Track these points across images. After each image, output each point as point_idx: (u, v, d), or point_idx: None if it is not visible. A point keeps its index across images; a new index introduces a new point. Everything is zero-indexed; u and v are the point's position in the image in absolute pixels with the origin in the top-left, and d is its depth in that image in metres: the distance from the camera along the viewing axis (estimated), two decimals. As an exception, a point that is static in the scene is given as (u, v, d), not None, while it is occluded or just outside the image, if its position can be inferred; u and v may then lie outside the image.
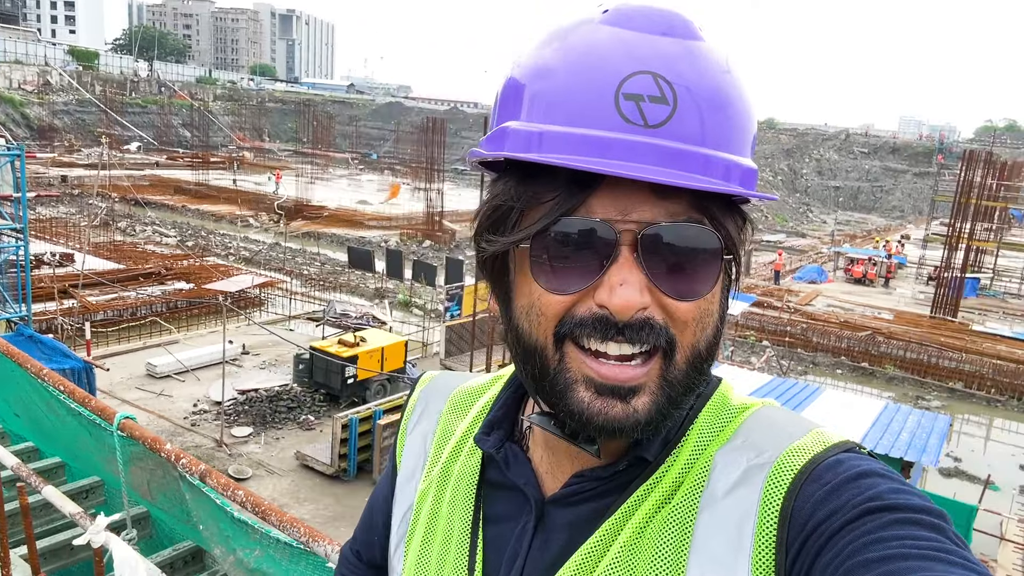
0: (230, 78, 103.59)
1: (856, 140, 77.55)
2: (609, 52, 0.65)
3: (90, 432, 3.32)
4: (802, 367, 22.21)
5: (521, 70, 0.70)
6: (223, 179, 49.57)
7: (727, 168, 0.66)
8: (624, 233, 0.64)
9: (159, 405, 14.68)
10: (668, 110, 0.64)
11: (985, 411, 19.64)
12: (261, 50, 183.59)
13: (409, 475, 0.91)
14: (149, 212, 36.31)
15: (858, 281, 34.07)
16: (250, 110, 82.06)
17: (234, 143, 72.22)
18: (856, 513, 0.61)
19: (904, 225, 58.39)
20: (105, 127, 59.18)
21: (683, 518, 0.69)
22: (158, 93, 74.73)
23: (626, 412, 0.66)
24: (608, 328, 0.65)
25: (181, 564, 3.64)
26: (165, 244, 30.25)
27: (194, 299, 21.17)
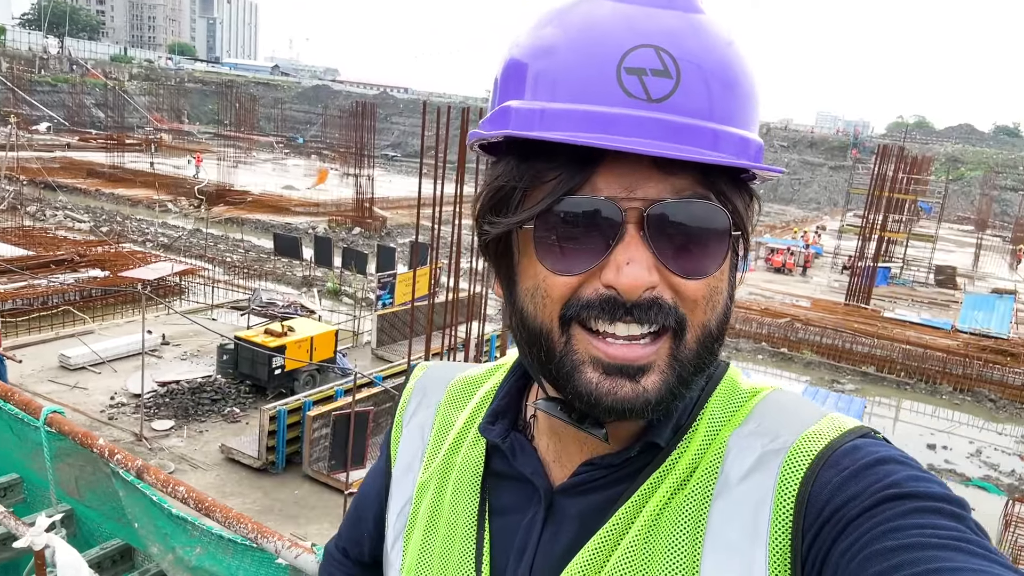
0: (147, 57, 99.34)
1: (776, 134, 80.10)
2: (610, 27, 0.64)
3: (11, 427, 3.15)
4: (725, 353, 22.60)
5: (521, 50, 0.68)
6: (140, 162, 47.52)
7: (734, 142, 0.65)
8: (630, 211, 0.63)
9: (74, 398, 14.04)
10: (671, 83, 0.62)
11: (895, 393, 20.68)
12: (180, 28, 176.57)
13: (406, 468, 0.88)
14: (60, 196, 34.55)
15: (778, 270, 35.27)
16: (168, 90, 78.93)
17: (151, 125, 69.32)
18: (875, 500, 0.60)
19: (820, 216, 60.70)
20: (12, 106, 55.90)
21: (697, 505, 0.68)
22: (69, 71, 71.10)
23: (635, 391, 0.65)
24: (616, 308, 0.63)
25: (109, 564, 3.50)
26: (78, 230, 28.85)
27: (110, 287, 20.28)
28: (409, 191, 42.97)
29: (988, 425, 18.71)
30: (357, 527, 0.95)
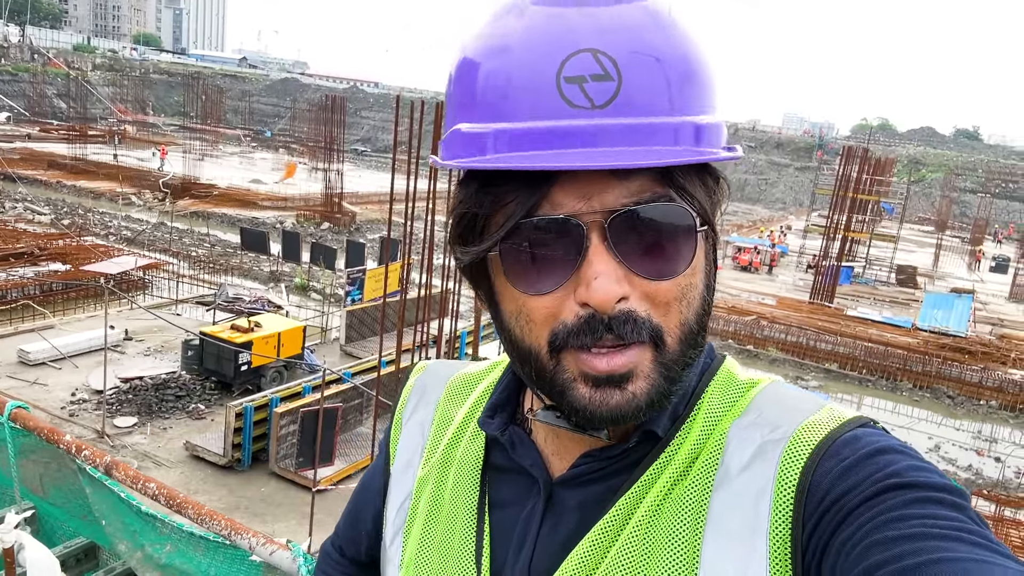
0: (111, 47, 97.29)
1: (743, 134, 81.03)
2: (544, 36, 0.62)
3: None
4: (694, 351, 23.13)
5: (465, 65, 0.67)
6: (103, 154, 46.56)
7: (687, 132, 0.63)
8: (591, 224, 0.63)
9: (33, 394, 13.72)
10: (613, 86, 0.61)
11: (857, 390, 21.07)
12: (145, 18, 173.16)
13: (405, 465, 0.88)
14: (20, 187, 33.71)
15: (744, 268, 35.70)
16: (133, 81, 77.39)
17: (115, 116, 67.89)
18: (875, 490, 0.60)
19: (786, 216, 61.58)
20: (-33, 94, 54.40)
21: (698, 495, 0.68)
22: (30, 60, 69.38)
23: (625, 399, 0.65)
24: (597, 327, 0.63)
25: (73, 562, 3.44)
26: (38, 222, 28.17)
27: (71, 281, 19.85)
28: (379, 186, 42.66)
29: (946, 421, 19.16)
30: (355, 526, 0.95)
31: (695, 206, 0.65)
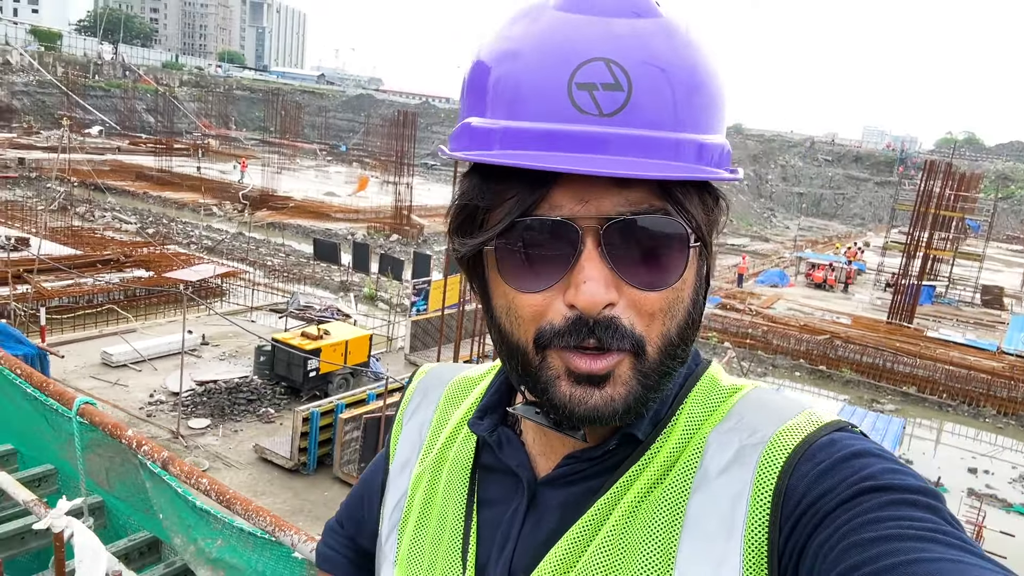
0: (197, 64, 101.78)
1: (821, 148, 78.95)
2: (561, 41, 0.64)
3: (46, 418, 3.24)
4: (762, 369, 22.55)
5: (481, 64, 0.69)
6: (187, 166, 48.64)
7: (691, 149, 0.64)
8: (587, 229, 0.64)
9: (114, 395, 14.38)
10: (623, 96, 0.62)
11: (936, 415, 20.15)
12: (230, 37, 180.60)
13: (403, 464, 0.90)
14: (109, 198, 35.52)
15: (818, 286, 34.69)
16: (217, 97, 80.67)
17: (199, 130, 70.90)
18: (851, 493, 0.61)
19: (864, 232, 59.60)
20: (66, 110, 57.67)
21: (676, 497, 0.69)
22: (122, 77, 73.13)
23: (603, 400, 0.67)
24: (581, 329, 0.65)
25: (137, 555, 3.57)
26: (125, 231, 29.59)
27: (153, 287, 20.76)
28: (446, 199, 43.15)
29: (1034, 451, 18.13)
30: (357, 507, 0.98)
31: (691, 222, 0.67)
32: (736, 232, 54.98)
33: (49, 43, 73.24)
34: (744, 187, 66.79)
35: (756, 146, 77.46)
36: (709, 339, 23.97)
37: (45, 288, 18.90)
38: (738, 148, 75.13)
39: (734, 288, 31.64)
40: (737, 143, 77.83)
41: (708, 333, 24.32)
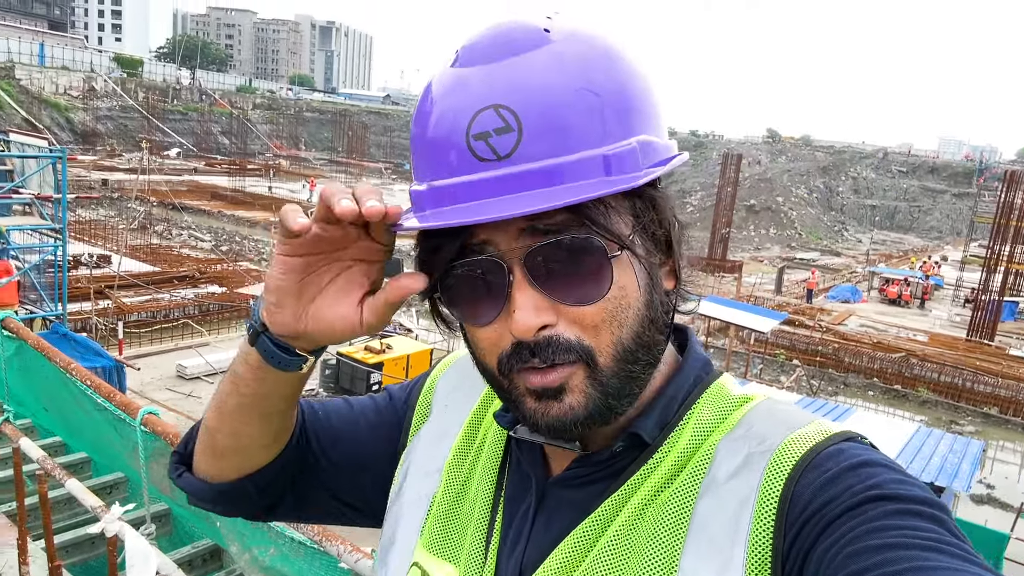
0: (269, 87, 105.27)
1: (894, 159, 76.48)
2: (456, 98, 0.68)
3: (115, 427, 3.39)
4: (833, 387, 21.86)
5: (413, 128, 0.74)
6: (259, 186, 50.32)
7: (592, 165, 0.66)
8: (512, 261, 0.68)
9: (187, 406, 14.88)
10: (514, 137, 0.65)
11: (1020, 437, 19.14)
12: (300, 60, 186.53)
13: (440, 434, 0.91)
14: (186, 217, 36.97)
15: (893, 302, 33.51)
16: (287, 119, 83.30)
17: (271, 151, 73.32)
18: (856, 501, 0.62)
19: (941, 246, 57.35)
20: (147, 133, 60.45)
21: (683, 502, 0.71)
22: (199, 101, 76.22)
23: (562, 410, 0.70)
24: (522, 351, 0.69)
25: (200, 562, 3.69)
26: (200, 248, 30.76)
27: (226, 303, 21.47)
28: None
29: None
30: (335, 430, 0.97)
31: (607, 234, 0.67)
32: (805, 246, 53.63)
33: (131, 70, 76.88)
34: (814, 200, 65.14)
35: (825, 158, 75.51)
36: (777, 356, 23.38)
37: (124, 303, 19.76)
38: (807, 160, 73.44)
39: (803, 304, 30.82)
40: (806, 155, 76.09)
41: (776, 350, 23.72)
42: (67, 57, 68.04)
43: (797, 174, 68.03)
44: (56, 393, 3.89)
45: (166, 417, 10.82)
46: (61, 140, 44.82)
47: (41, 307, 13.07)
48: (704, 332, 23.21)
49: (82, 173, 43.23)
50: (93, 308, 18.14)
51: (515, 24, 0.69)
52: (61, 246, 12.54)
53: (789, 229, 57.51)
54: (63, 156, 12.13)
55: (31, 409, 4.50)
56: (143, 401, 13.77)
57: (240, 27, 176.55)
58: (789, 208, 60.05)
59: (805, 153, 77.69)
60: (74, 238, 23.63)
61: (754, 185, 62.04)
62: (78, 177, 40.15)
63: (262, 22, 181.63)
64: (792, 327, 25.20)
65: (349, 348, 15.87)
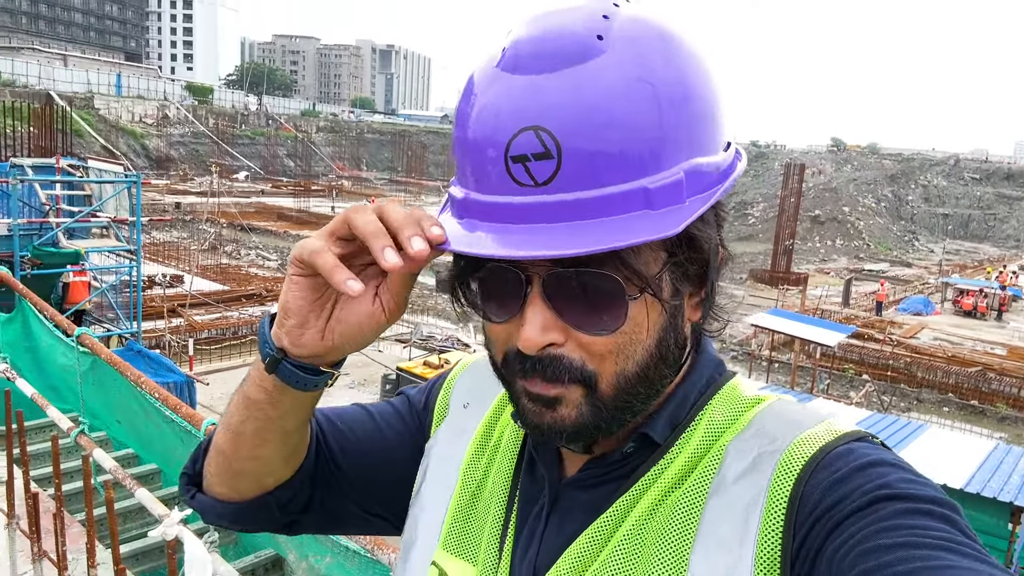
0: (332, 110, 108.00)
1: (967, 165, 73.65)
2: (497, 110, 0.65)
3: (182, 439, 3.52)
4: (905, 403, 21.07)
5: (456, 123, 0.72)
6: (323, 206, 51.55)
7: (633, 198, 0.63)
8: (533, 275, 0.67)
9: (255, 421, 15.26)
10: (553, 165, 0.62)
11: (1114, 457, 18.06)
12: (362, 84, 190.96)
13: (458, 432, 0.91)
14: (253, 237, 38.12)
15: (968, 314, 32.18)
16: (349, 140, 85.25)
17: (334, 172, 75.11)
18: (866, 501, 0.62)
19: (1019, 255, 54.81)
20: (217, 157, 62.65)
21: (692, 503, 0.71)
22: (266, 125, 78.67)
23: (554, 419, 0.71)
24: (526, 363, 0.70)
25: (262, 571, 3.78)
26: (267, 267, 31.64)
27: (291, 320, 21.97)
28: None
29: None
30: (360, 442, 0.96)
31: (631, 277, 0.66)
32: (874, 257, 51.99)
33: (202, 97, 79.95)
34: (882, 209, 63.15)
35: (893, 166, 73.21)
36: (845, 371, 22.66)
37: (196, 321, 20.45)
38: (874, 168, 71.36)
39: (872, 316, 29.84)
40: (872, 163, 73.95)
41: (844, 365, 23.01)
42: (142, 86, 71.25)
43: (864, 183, 66.11)
44: (128, 406, 4.07)
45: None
46: (137, 166, 46.83)
47: (118, 325, 13.65)
48: (768, 346, 22.69)
49: (156, 197, 45.01)
50: (167, 326, 18.84)
51: (568, 26, 0.64)
52: (136, 267, 13.09)
53: (856, 240, 55.85)
54: (137, 181, 12.69)
55: (105, 422, 4.71)
56: (213, 416, 14.21)
57: (304, 53, 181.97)
58: (856, 218, 58.34)
59: (872, 161, 75.50)
60: (148, 259, 24.59)
61: (818, 195, 60.52)
62: (153, 201, 41.83)
63: (325, 48, 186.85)
64: (861, 341, 24.42)
65: (409, 363, 16.07)
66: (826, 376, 21.71)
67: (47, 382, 4.82)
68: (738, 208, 62.70)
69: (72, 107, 35.39)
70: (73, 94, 58.07)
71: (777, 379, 20.61)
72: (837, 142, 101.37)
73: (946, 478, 9.83)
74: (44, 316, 4.43)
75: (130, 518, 4.41)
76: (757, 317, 21.20)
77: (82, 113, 53.20)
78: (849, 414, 13.13)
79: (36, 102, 25.51)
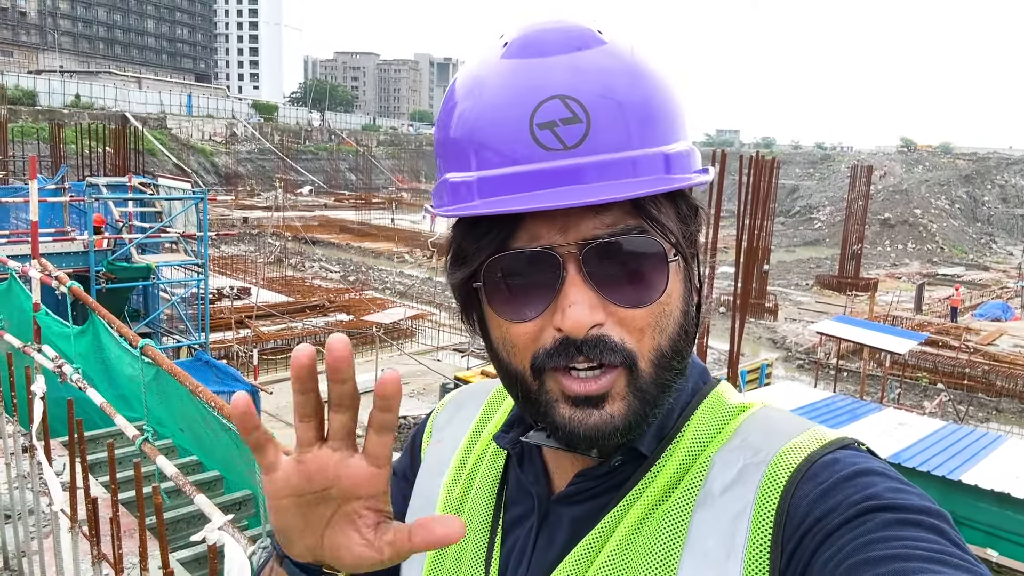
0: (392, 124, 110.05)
1: None
2: (515, 87, 0.67)
3: (238, 446, 3.61)
4: (983, 413, 20.15)
5: (448, 124, 0.72)
6: (383, 218, 52.47)
7: (656, 163, 0.67)
8: (567, 255, 0.66)
9: (318, 430, 15.54)
10: (583, 128, 0.65)
11: None
12: (420, 97, 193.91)
13: (433, 472, 0.91)
14: (317, 250, 39.01)
15: (1051, 318, 30.60)
16: (409, 153, 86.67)
17: (394, 185, 76.41)
18: (855, 512, 0.61)
19: (1110, 257, 51.90)
20: (282, 173, 64.52)
21: (679, 516, 0.70)
22: (328, 140, 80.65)
23: (603, 419, 0.68)
24: (569, 348, 0.67)
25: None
26: (330, 279, 32.33)
27: (353, 330, 22.41)
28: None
29: None
30: None
31: (666, 236, 0.68)
32: (948, 260, 50.03)
33: (267, 115, 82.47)
34: (956, 211, 60.74)
35: (967, 166, 70.34)
36: (919, 380, 21.83)
37: (262, 332, 21.02)
38: (947, 168, 68.75)
39: (947, 323, 28.69)
40: (946, 163, 71.26)
41: (917, 373, 22.16)
42: (211, 106, 73.94)
43: (936, 184, 63.71)
44: (189, 415, 4.20)
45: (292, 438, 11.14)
46: (207, 182, 48.54)
47: (187, 336, 14.13)
48: (835, 354, 22.03)
49: (224, 212, 46.57)
50: (234, 337, 19.41)
51: (568, 23, 0.69)
52: (204, 280, 13.54)
53: (929, 243, 53.82)
54: (204, 197, 13.15)
55: (171, 430, 4.87)
56: (277, 424, 14.54)
57: (364, 69, 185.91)
58: (928, 221, 56.25)
59: (944, 162, 72.72)
60: (216, 272, 25.43)
61: (888, 198, 58.63)
62: (221, 216, 43.29)
63: (384, 63, 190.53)
64: (935, 348, 23.48)
65: (466, 372, 16.17)
66: (897, 385, 20.94)
67: (117, 392, 5.02)
68: (803, 212, 61.20)
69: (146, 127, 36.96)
70: (147, 115, 60.69)
71: (846, 388, 19.96)
72: (907, 142, 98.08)
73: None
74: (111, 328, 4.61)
75: (193, 523, 4.54)
76: (823, 324, 20.61)
77: (155, 133, 55.48)
78: (922, 424, 12.61)
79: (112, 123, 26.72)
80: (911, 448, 10.53)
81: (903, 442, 10.73)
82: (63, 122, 32.38)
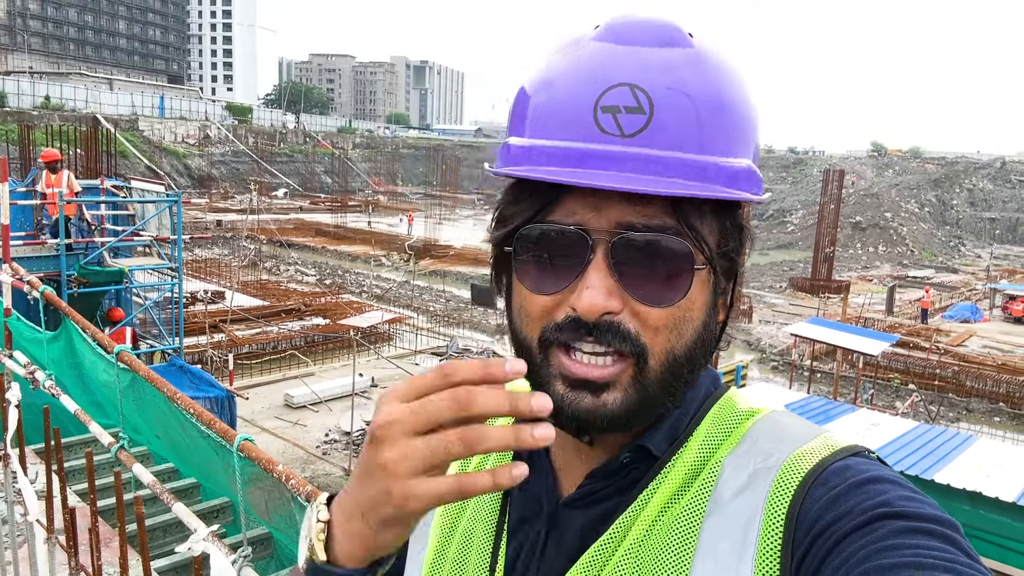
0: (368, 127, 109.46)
1: (1014, 168, 71.67)
2: (593, 67, 0.69)
3: (217, 453, 3.56)
4: (954, 413, 20.51)
5: (524, 90, 0.74)
6: (359, 221, 52.20)
7: (707, 170, 0.67)
8: (597, 239, 0.67)
9: (295, 434, 15.45)
10: (644, 119, 0.66)
11: None
12: (396, 100, 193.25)
13: None
14: (292, 253, 38.70)
15: (1018, 320, 31.24)
16: (385, 156, 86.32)
17: (370, 187, 76.03)
18: (866, 519, 0.60)
19: (1074, 259, 53.08)
20: (256, 175, 63.89)
21: (690, 521, 0.69)
22: (303, 143, 80.00)
23: (595, 405, 0.68)
24: (579, 328, 0.68)
25: (298, 585, 3.80)
26: (305, 282, 32.09)
27: (329, 334, 22.24)
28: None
29: None
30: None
31: (699, 244, 0.68)
32: (918, 263, 50.83)
33: (242, 117, 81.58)
34: (925, 214, 61.76)
35: (937, 170, 71.60)
36: (891, 380, 22.15)
37: (237, 336, 20.78)
38: (916, 173, 69.89)
39: (917, 324, 29.15)
40: (915, 167, 72.45)
41: (889, 374, 22.48)
42: (184, 108, 73.01)
43: (906, 188, 64.76)
44: (166, 422, 4.13)
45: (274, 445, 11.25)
46: (180, 185, 47.92)
47: (161, 341, 13.93)
48: (809, 356, 22.28)
49: (198, 215, 45.99)
50: (208, 341, 19.18)
51: (661, 20, 0.71)
52: (177, 284, 13.36)
53: (900, 246, 54.66)
54: (178, 200, 12.97)
55: (147, 437, 4.79)
56: (253, 429, 14.39)
57: (340, 71, 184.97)
58: (899, 224, 57.13)
59: (914, 166, 73.97)
60: (190, 275, 25.08)
61: (859, 201, 59.45)
62: (195, 219, 42.75)
63: (360, 65, 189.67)
64: (906, 349, 23.85)
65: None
66: (870, 386, 21.23)
67: (91, 398, 4.93)
68: (776, 216, 61.85)
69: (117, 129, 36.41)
70: (118, 117, 59.77)
71: (820, 389, 20.20)
72: (878, 147, 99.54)
73: (997, 491, 9.51)
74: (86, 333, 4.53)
75: (170, 531, 4.48)
76: (797, 326, 20.84)
77: (127, 135, 54.65)
78: (895, 425, 12.80)
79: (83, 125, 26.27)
80: (884, 448, 10.68)
81: (876, 443, 10.88)
82: (33, 124, 31.78)
